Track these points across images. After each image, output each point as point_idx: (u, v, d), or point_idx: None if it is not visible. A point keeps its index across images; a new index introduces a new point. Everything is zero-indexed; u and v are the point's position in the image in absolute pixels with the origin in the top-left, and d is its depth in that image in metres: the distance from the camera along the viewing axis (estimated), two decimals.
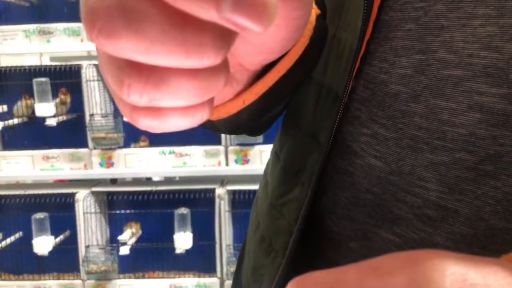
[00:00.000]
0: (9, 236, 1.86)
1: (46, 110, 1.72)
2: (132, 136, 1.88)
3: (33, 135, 1.91)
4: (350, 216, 0.36)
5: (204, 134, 1.72)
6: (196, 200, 1.82)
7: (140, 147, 1.84)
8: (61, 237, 1.84)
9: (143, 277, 1.87)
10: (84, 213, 1.77)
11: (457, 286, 0.15)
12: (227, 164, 1.76)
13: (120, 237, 1.81)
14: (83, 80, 1.74)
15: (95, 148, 1.78)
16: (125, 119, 1.76)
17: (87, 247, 1.79)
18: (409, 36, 0.31)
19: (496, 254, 0.28)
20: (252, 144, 1.74)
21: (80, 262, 1.79)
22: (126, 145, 1.83)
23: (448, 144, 0.29)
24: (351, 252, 0.37)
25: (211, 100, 0.20)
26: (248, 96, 0.32)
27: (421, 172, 0.31)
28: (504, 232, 0.28)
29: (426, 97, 0.30)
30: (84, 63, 1.74)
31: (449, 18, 0.29)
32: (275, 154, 0.47)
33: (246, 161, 1.75)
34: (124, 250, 1.79)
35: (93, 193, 1.82)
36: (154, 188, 1.80)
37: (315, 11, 0.31)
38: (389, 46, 0.32)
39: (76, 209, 1.77)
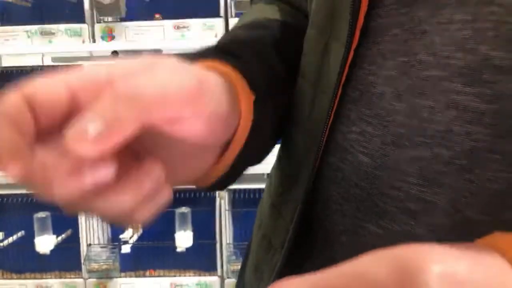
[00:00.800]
0: (11, 235, 1.87)
1: None
2: None
3: None
4: (342, 211, 0.38)
5: None
6: (196, 199, 1.83)
7: None
8: (63, 236, 1.85)
9: (144, 275, 1.88)
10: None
11: (445, 286, 0.15)
12: None
13: (121, 236, 1.82)
14: None
15: None
16: None
17: (88, 245, 1.80)
18: (395, 40, 0.33)
19: None
20: None
21: (82, 261, 1.81)
22: None
23: (427, 140, 0.31)
24: (342, 247, 0.38)
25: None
26: (221, 167, 0.34)
27: (403, 167, 0.32)
28: (479, 223, 0.29)
29: (408, 96, 0.32)
30: (86, 64, 1.75)
31: (430, 23, 0.31)
32: (278, 155, 0.49)
33: None
34: (126, 249, 1.81)
35: None
36: None
37: (249, 99, 0.33)
38: (377, 49, 0.34)
39: None
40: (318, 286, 0.16)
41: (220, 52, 0.35)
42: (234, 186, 1.78)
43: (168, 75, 0.26)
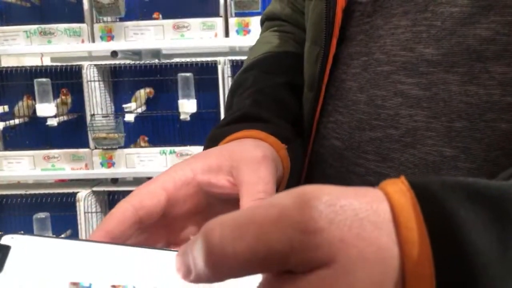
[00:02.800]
0: None
1: (47, 110, 1.73)
2: (133, 137, 1.89)
3: (34, 135, 1.91)
4: None
5: (204, 134, 1.73)
6: None
7: (141, 147, 1.85)
8: (63, 236, 1.85)
9: None
10: (85, 213, 1.78)
11: (329, 209, 0.20)
12: None
13: None
14: (84, 80, 1.75)
15: (96, 148, 1.79)
16: (125, 119, 1.77)
17: None
18: (360, 44, 0.40)
19: None
20: None
21: None
22: (127, 145, 1.84)
23: (381, 123, 0.38)
24: None
25: None
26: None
27: (364, 147, 0.39)
28: None
29: (368, 88, 0.39)
30: (85, 64, 1.75)
31: (384, 29, 0.38)
32: None
33: None
34: None
35: (94, 192, 1.83)
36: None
37: (282, 150, 0.39)
38: (348, 52, 0.41)
39: (77, 208, 1.78)
40: (242, 219, 0.20)
41: (250, 120, 0.42)
42: None
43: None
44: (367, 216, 0.20)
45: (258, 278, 0.22)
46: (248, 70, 0.50)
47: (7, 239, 0.25)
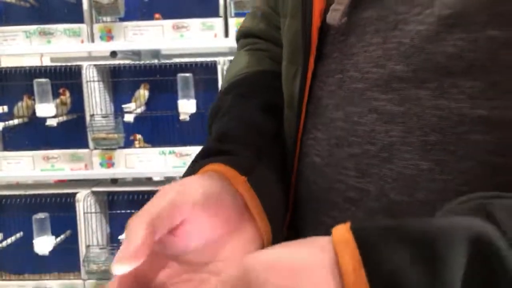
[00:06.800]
0: (10, 236, 1.87)
1: (47, 110, 1.73)
2: (133, 138, 1.89)
3: (34, 135, 1.91)
4: (307, 208, 0.44)
5: (203, 134, 1.73)
6: None
7: (141, 147, 1.85)
8: (62, 237, 1.85)
9: None
10: (84, 213, 1.78)
11: (265, 265, 0.26)
12: None
13: (120, 237, 1.82)
14: (84, 80, 1.75)
15: (95, 149, 1.79)
16: (125, 119, 1.77)
17: (87, 247, 1.80)
18: (335, 62, 0.41)
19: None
20: None
21: (81, 262, 1.80)
22: (127, 145, 1.84)
23: (358, 139, 0.39)
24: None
25: None
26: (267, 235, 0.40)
27: (343, 163, 0.40)
28: (401, 204, 0.36)
29: (344, 105, 0.40)
30: (85, 64, 1.75)
31: (357, 47, 0.39)
32: None
33: None
34: None
35: (93, 193, 1.83)
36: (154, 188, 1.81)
37: (242, 184, 0.38)
38: (324, 70, 0.42)
39: (77, 209, 1.78)
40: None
41: (215, 153, 0.42)
42: None
43: None
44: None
45: None
46: (225, 94, 0.50)
47: None
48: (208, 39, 1.75)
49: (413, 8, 0.36)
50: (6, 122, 1.78)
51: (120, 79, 1.88)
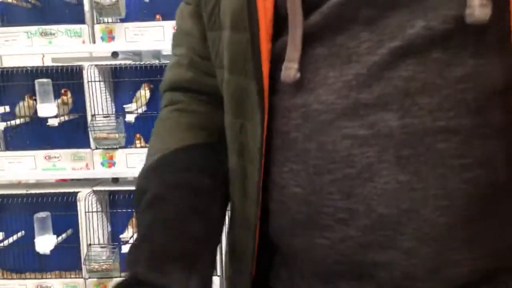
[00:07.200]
0: (12, 235, 1.88)
1: (48, 110, 1.74)
2: (134, 137, 1.90)
3: (35, 135, 1.92)
4: (295, 233, 0.46)
5: None
6: None
7: (142, 147, 1.86)
8: (63, 236, 1.86)
9: None
10: (86, 212, 1.79)
11: None
12: None
13: (121, 236, 1.83)
14: (85, 80, 1.75)
15: (96, 148, 1.80)
16: (126, 119, 1.78)
17: (89, 245, 1.81)
18: (295, 97, 0.43)
19: (390, 237, 0.41)
20: None
21: (82, 261, 1.81)
22: (128, 145, 1.85)
23: (337, 165, 0.41)
24: (303, 264, 0.47)
25: None
26: None
27: (327, 189, 0.42)
28: (389, 217, 0.40)
29: (314, 137, 0.42)
30: (86, 64, 1.76)
31: (314, 81, 0.41)
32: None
33: None
34: (126, 249, 1.81)
35: (95, 192, 1.83)
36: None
37: None
38: (285, 106, 0.44)
39: (78, 208, 1.79)
40: None
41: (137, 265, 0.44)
42: None
43: None
44: None
45: None
46: (148, 175, 0.52)
47: None
48: None
49: (362, 43, 0.39)
50: (8, 122, 1.79)
51: (122, 80, 1.89)
